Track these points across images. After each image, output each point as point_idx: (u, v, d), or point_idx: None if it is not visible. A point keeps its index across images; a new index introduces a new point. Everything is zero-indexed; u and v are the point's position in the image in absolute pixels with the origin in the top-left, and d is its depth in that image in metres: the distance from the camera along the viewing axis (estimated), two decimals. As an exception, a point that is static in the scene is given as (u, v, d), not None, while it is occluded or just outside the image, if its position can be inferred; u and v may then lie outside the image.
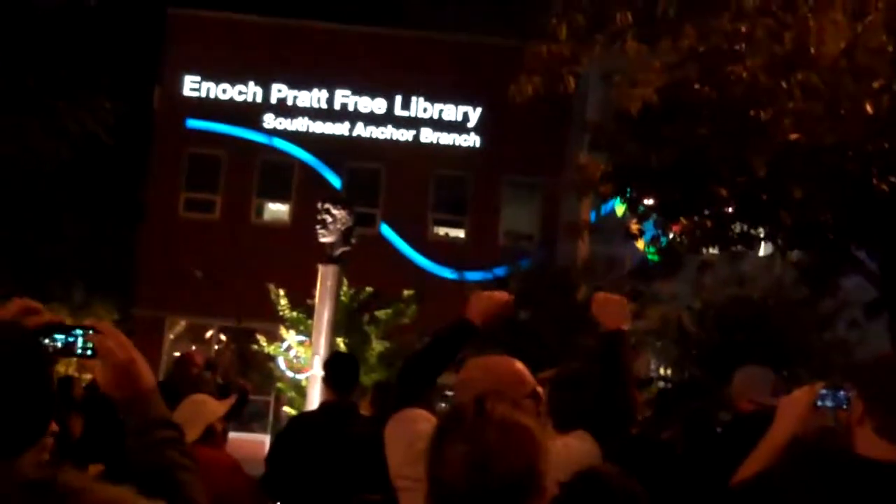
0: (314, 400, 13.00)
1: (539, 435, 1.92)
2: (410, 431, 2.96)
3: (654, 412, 6.73)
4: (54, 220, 17.53)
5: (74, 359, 1.97)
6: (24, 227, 17.20)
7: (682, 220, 12.03)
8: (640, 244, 14.35)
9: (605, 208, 19.23)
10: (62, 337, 1.92)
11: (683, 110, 10.40)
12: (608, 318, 3.48)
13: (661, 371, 19.37)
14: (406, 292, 20.36)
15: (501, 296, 3.44)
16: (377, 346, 19.48)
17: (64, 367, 15.08)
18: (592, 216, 18.91)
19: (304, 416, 7.01)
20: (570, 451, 2.98)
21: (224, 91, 26.64)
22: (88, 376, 11.45)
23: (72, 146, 15.46)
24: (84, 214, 21.05)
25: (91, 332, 1.95)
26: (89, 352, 1.94)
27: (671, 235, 12.48)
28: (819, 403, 3.02)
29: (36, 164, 15.10)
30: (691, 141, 10.47)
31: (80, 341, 1.94)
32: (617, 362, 3.35)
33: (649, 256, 13.66)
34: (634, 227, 12.65)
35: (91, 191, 21.54)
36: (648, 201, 11.97)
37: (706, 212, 11.70)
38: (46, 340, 1.89)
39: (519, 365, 3.00)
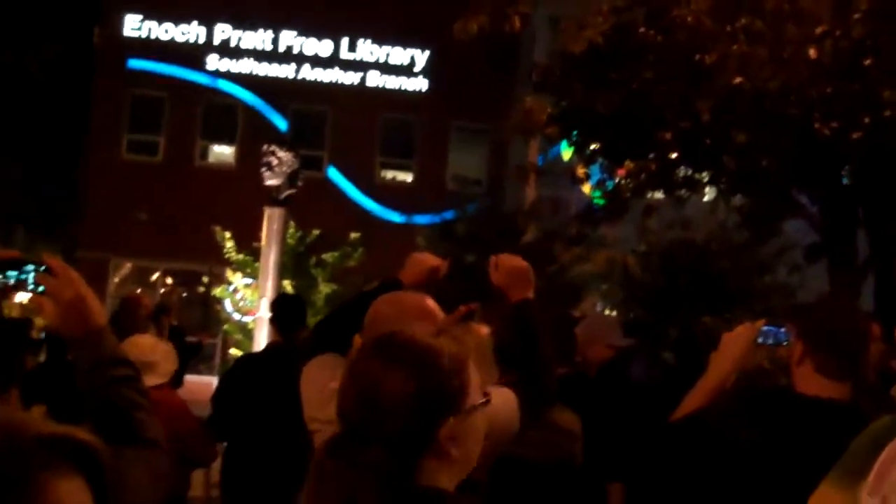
0: (261, 342, 12.99)
1: (443, 359, 1.82)
2: (322, 375, 2.93)
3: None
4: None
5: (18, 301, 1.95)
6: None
7: (628, 163, 12.13)
8: (586, 188, 14.47)
9: (552, 152, 19.33)
10: (14, 273, 1.92)
11: (629, 54, 10.43)
12: (513, 289, 3.32)
13: (606, 313, 19.59)
14: (353, 235, 20.33)
15: (434, 262, 3.43)
16: (324, 288, 19.48)
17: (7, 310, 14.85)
18: (539, 160, 18.96)
19: (250, 357, 7.02)
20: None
21: (166, 31, 26.11)
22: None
23: (8, 85, 15.06)
24: (24, 156, 20.65)
25: (42, 268, 1.91)
26: (40, 288, 1.91)
27: (617, 179, 12.58)
28: (760, 340, 3.10)
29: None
30: (636, 85, 10.52)
31: (30, 277, 1.91)
32: (531, 332, 3.25)
33: (595, 200, 13.76)
34: (580, 170, 12.73)
35: (32, 132, 21.10)
36: (594, 145, 12.04)
37: (651, 156, 11.80)
38: None
39: (430, 301, 2.99)
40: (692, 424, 2.96)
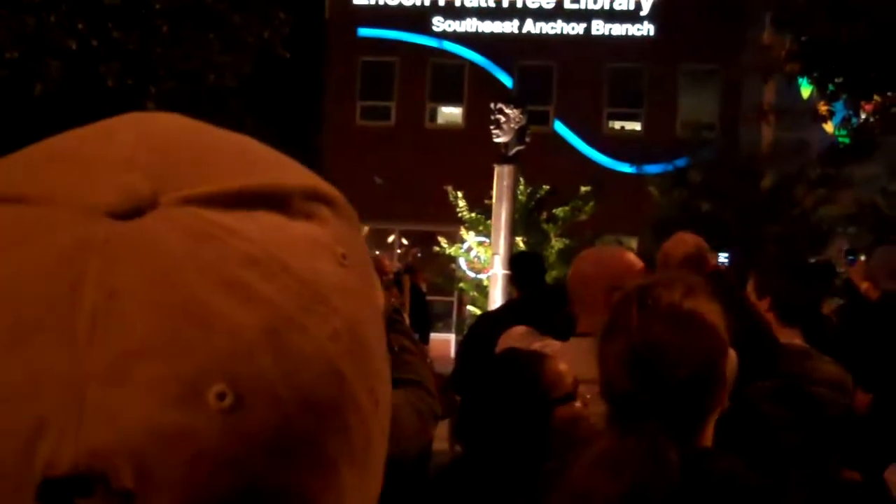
0: (496, 298, 13.15)
1: (717, 325, 1.73)
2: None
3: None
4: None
5: None
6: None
7: (876, 97, 11.38)
8: (829, 127, 13.70)
9: (788, 91, 18.42)
10: None
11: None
12: None
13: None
14: (583, 189, 20.14)
15: None
16: (556, 243, 19.45)
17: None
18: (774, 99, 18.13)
19: (489, 315, 7.10)
20: None
21: (393, -4, 26.66)
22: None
23: (251, 60, 15.69)
24: (267, 128, 21.62)
25: None
26: None
27: (863, 115, 11.83)
28: None
29: (219, 79, 15.41)
30: (885, 12, 9.82)
31: None
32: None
33: (839, 139, 13.02)
34: (823, 108, 12.06)
35: (272, 105, 22.05)
36: (838, 80, 11.35)
37: (902, 87, 11.03)
38: None
39: (631, 256, 2.87)
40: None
